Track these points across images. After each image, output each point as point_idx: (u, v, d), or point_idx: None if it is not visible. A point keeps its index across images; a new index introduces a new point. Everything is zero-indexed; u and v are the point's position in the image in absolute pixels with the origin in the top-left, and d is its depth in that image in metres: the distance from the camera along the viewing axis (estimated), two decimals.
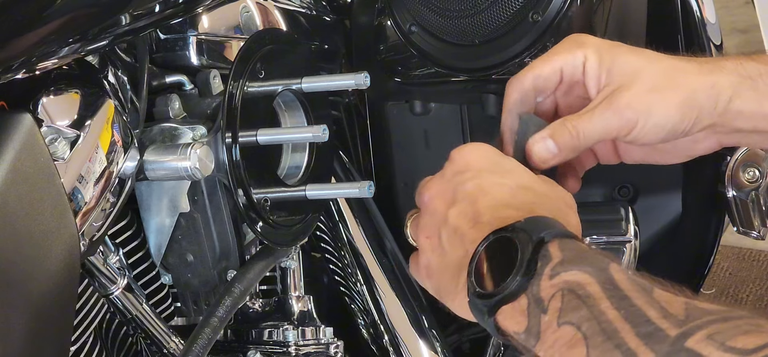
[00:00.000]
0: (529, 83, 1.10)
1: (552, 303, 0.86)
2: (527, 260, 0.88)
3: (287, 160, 1.33)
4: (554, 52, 1.11)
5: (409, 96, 1.61)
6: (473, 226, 0.96)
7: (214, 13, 1.29)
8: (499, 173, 1.00)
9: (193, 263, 1.29)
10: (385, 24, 1.52)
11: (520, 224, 0.91)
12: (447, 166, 1.03)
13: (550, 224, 0.91)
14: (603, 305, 0.83)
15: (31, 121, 0.99)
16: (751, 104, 1.04)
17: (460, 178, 1.00)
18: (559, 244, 0.89)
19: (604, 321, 0.82)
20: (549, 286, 0.86)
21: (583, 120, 1.06)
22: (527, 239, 0.89)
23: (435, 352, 1.56)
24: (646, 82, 1.05)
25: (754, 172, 1.59)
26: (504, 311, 0.89)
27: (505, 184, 0.99)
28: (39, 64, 1.01)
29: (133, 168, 1.14)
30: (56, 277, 1.02)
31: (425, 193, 1.03)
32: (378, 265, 1.56)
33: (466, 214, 0.97)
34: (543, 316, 0.86)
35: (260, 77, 1.25)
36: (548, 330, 0.85)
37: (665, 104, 1.04)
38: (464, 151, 1.03)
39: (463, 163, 1.02)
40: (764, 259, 3.09)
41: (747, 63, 1.05)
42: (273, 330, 1.40)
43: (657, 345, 0.78)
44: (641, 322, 0.80)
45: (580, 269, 0.86)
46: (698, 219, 1.68)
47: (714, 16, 1.66)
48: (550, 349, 0.85)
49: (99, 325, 1.25)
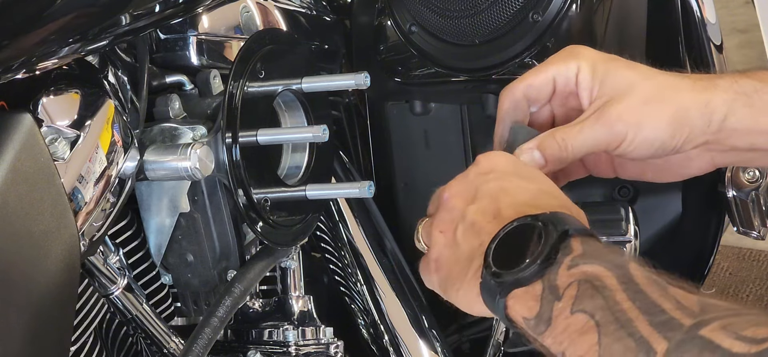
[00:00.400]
0: (521, 93, 1.11)
1: (567, 291, 0.86)
2: (550, 247, 0.89)
3: (287, 160, 1.33)
4: (548, 62, 1.12)
5: (409, 96, 1.61)
6: (492, 220, 0.96)
7: (214, 13, 1.29)
8: (524, 178, 1.01)
9: (193, 263, 1.29)
10: (385, 24, 1.52)
11: (544, 216, 0.92)
12: (471, 168, 1.03)
13: (574, 222, 0.92)
14: (618, 296, 0.83)
15: (31, 121, 0.99)
16: (747, 121, 1.04)
17: (484, 178, 1.01)
18: (581, 240, 0.90)
19: (618, 310, 0.82)
20: (567, 275, 0.87)
21: (572, 132, 1.06)
22: (552, 229, 0.90)
23: (435, 352, 1.56)
24: (638, 96, 1.05)
25: (754, 172, 1.59)
26: (516, 294, 0.90)
27: (529, 188, 0.99)
28: (39, 64, 1.01)
29: (133, 168, 1.14)
30: (56, 277, 1.02)
31: (445, 192, 1.03)
32: (378, 265, 1.56)
33: (486, 210, 0.97)
34: (557, 303, 0.86)
35: (260, 77, 1.25)
36: (560, 316, 0.86)
37: (656, 119, 1.04)
38: (491, 156, 1.04)
39: (489, 166, 1.02)
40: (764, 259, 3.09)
41: (742, 80, 1.05)
42: (273, 330, 1.40)
43: (670, 332, 0.79)
44: (656, 312, 0.81)
45: (599, 263, 0.87)
46: (698, 219, 1.68)
47: (714, 16, 1.66)
48: (561, 335, 0.86)
49: (99, 325, 1.25)
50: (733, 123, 1.04)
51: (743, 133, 1.05)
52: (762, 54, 1.96)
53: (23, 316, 0.99)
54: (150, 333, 1.27)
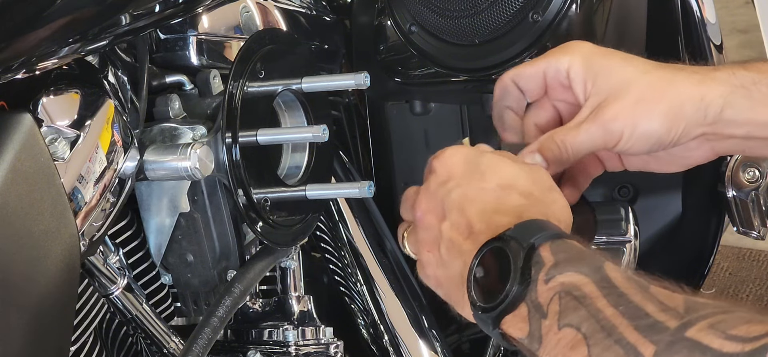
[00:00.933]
0: (509, 79, 1.14)
1: (551, 307, 0.86)
2: (520, 268, 0.89)
3: (287, 160, 1.33)
4: (542, 57, 1.14)
5: (409, 96, 1.61)
6: (467, 237, 0.97)
7: (214, 13, 1.29)
8: (479, 177, 1.01)
9: (193, 263, 1.29)
10: (385, 24, 1.52)
11: (510, 232, 0.92)
12: (430, 177, 1.04)
13: (541, 227, 0.92)
14: (600, 303, 0.83)
15: (31, 121, 0.99)
16: (745, 113, 1.04)
17: (445, 189, 1.01)
18: (550, 247, 0.89)
19: (602, 318, 0.82)
20: (546, 290, 0.87)
21: (571, 134, 1.07)
22: (518, 247, 0.90)
23: (435, 352, 1.56)
24: (633, 93, 1.06)
25: (754, 172, 1.59)
26: (507, 320, 0.90)
27: (488, 188, 0.99)
28: (39, 64, 1.00)
29: (133, 168, 1.14)
30: (56, 277, 1.02)
31: (417, 210, 1.04)
32: (378, 265, 1.56)
33: (458, 226, 0.98)
34: (543, 320, 0.86)
35: (260, 77, 1.25)
36: (550, 333, 0.86)
37: (650, 116, 1.05)
38: (444, 159, 1.04)
39: (446, 173, 1.03)
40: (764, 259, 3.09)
41: (740, 72, 1.05)
42: (273, 330, 1.40)
43: (656, 336, 0.78)
44: (640, 316, 0.80)
45: (575, 270, 0.86)
46: (698, 219, 1.68)
47: (714, 16, 1.66)
48: (553, 351, 0.85)
49: (99, 325, 1.25)
50: (730, 115, 1.04)
51: (740, 124, 1.05)
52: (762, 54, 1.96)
53: (23, 316, 0.99)
54: (150, 333, 1.27)
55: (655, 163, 1.13)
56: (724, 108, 1.04)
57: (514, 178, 1.01)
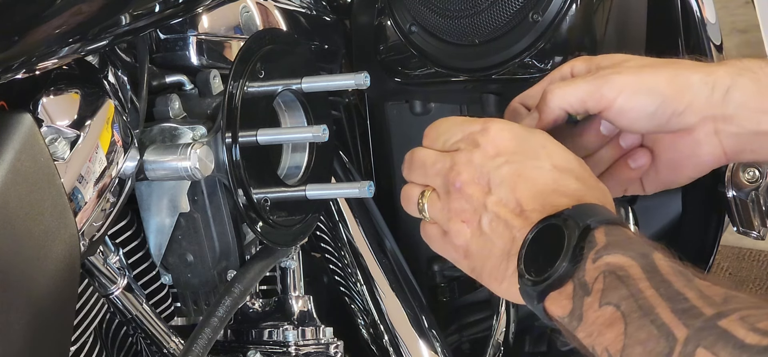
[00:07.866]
0: (516, 102, 1.14)
1: (595, 285, 0.87)
2: (573, 247, 0.90)
3: (287, 160, 1.33)
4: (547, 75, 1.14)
5: (409, 96, 1.61)
6: (519, 215, 0.97)
7: (214, 13, 1.29)
8: (533, 155, 1.00)
9: (193, 263, 1.29)
10: (385, 24, 1.52)
11: (568, 212, 0.92)
12: (474, 152, 1.01)
13: (597, 212, 0.93)
14: (641, 285, 0.84)
15: (31, 121, 0.99)
16: (753, 98, 1.04)
17: (494, 164, 1.00)
18: (604, 231, 0.90)
19: (641, 298, 0.83)
20: (593, 268, 0.88)
21: (563, 83, 1.08)
22: (574, 226, 0.91)
23: (435, 352, 1.56)
24: (638, 61, 1.07)
25: (754, 172, 1.59)
26: (551, 297, 0.91)
27: (543, 167, 0.99)
28: (39, 64, 1.00)
29: (133, 168, 1.14)
30: (56, 277, 1.02)
31: (456, 180, 1.01)
32: (378, 265, 1.56)
33: (507, 202, 0.98)
34: (586, 298, 0.88)
35: (260, 77, 1.25)
36: (590, 311, 0.87)
37: (655, 75, 1.05)
38: (491, 134, 1.02)
39: (494, 149, 1.01)
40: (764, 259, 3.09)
41: (747, 60, 1.06)
42: (273, 330, 1.40)
43: (691, 320, 0.80)
44: (678, 299, 0.82)
45: (623, 253, 0.88)
46: (698, 219, 1.68)
47: (714, 16, 1.66)
48: (591, 328, 0.87)
49: (99, 325, 1.25)
50: (738, 98, 1.04)
51: (751, 112, 1.04)
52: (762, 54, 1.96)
53: (23, 316, 0.99)
54: (150, 333, 1.27)
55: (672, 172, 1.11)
56: (730, 88, 1.04)
57: (568, 162, 1.01)
